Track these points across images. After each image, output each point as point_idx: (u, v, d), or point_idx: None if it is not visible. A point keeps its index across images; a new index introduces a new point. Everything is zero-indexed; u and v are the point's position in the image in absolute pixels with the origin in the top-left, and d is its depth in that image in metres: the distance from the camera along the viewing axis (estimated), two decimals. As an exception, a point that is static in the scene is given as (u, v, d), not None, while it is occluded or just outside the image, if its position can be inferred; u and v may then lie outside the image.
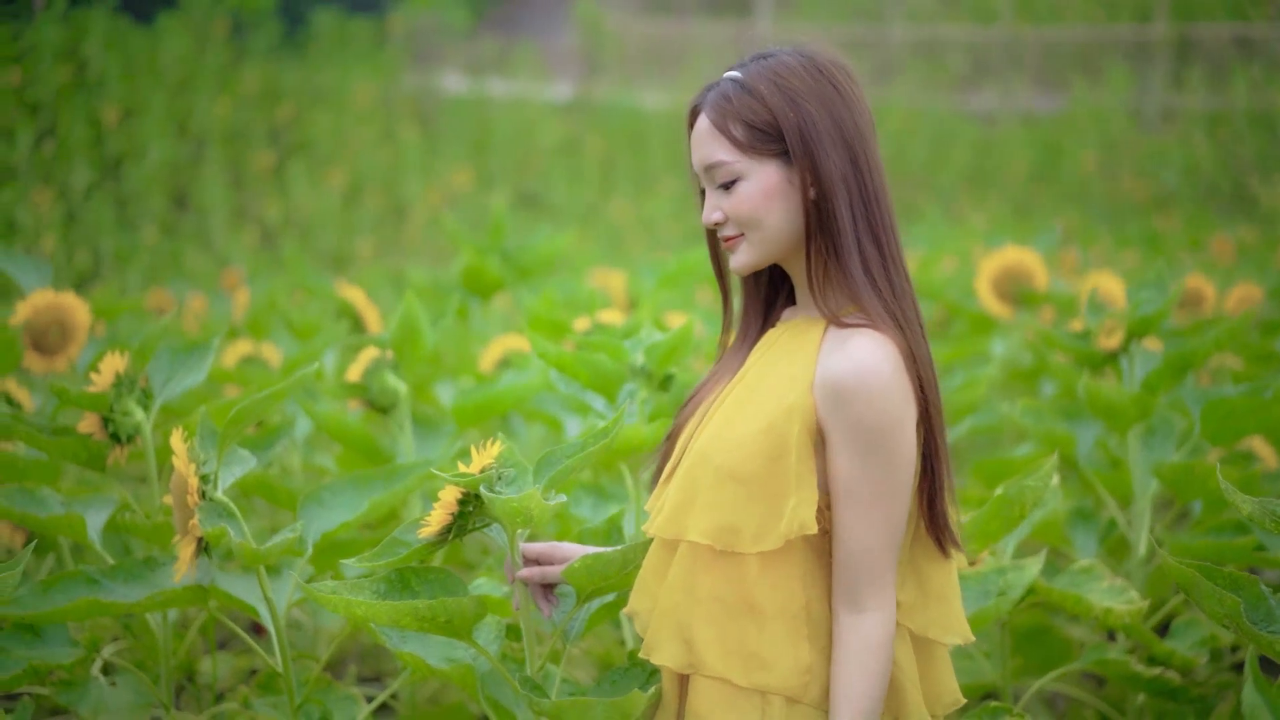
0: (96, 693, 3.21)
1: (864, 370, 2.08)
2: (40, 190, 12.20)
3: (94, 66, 13.62)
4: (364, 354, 3.54)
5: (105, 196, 12.62)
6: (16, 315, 3.86)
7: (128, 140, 13.23)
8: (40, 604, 2.79)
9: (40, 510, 3.15)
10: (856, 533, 2.11)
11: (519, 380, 3.57)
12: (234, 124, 14.11)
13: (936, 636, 2.21)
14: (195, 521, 2.57)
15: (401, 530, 2.48)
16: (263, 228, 13.27)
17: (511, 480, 2.36)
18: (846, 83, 2.20)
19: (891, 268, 2.18)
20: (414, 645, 2.52)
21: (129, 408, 3.09)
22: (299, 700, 2.80)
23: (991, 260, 5.02)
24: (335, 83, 15.17)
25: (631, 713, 2.23)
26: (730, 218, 2.21)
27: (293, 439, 4.09)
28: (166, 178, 13.15)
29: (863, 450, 2.09)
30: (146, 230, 12.38)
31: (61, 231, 11.87)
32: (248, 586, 2.88)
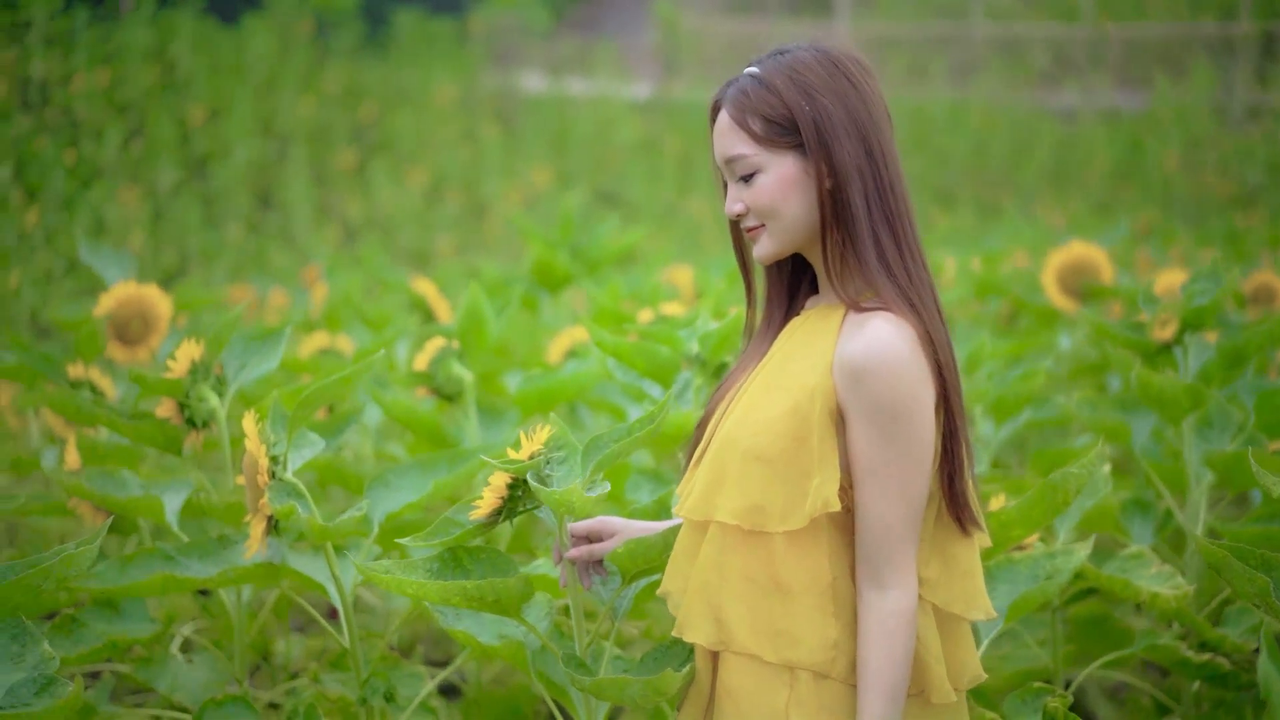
0: (174, 669, 3.33)
1: (880, 351, 2.15)
2: (128, 189, 12.42)
3: (181, 67, 13.86)
4: (431, 344, 3.64)
5: (192, 195, 12.82)
6: (100, 307, 3.98)
7: (214, 140, 13.44)
8: (119, 579, 2.91)
9: (120, 492, 3.27)
10: (876, 510, 2.18)
11: (580, 369, 3.66)
12: (317, 123, 14.30)
13: (960, 612, 2.27)
14: (265, 500, 2.68)
15: (454, 511, 2.58)
16: (345, 225, 13.44)
17: (562, 461, 2.45)
18: (861, 76, 2.27)
19: (907, 254, 2.25)
20: (468, 623, 2.61)
21: (204, 394, 3.20)
22: (365, 675, 2.90)
23: (1057, 255, 5.05)
24: (417, 82, 15.33)
25: (666, 690, 2.31)
26: (751, 209, 2.29)
27: (365, 427, 4.21)
28: (251, 176, 13.34)
29: (880, 429, 2.16)
30: (231, 228, 12.57)
31: (149, 229, 12.08)
32: (317, 566, 2.98)
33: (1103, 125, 16.99)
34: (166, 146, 12.96)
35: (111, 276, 4.24)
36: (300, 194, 12.96)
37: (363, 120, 14.89)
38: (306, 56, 14.69)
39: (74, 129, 12.79)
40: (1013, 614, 2.81)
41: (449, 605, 2.50)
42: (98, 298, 4.01)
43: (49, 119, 12.73)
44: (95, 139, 12.67)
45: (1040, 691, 2.59)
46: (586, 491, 2.35)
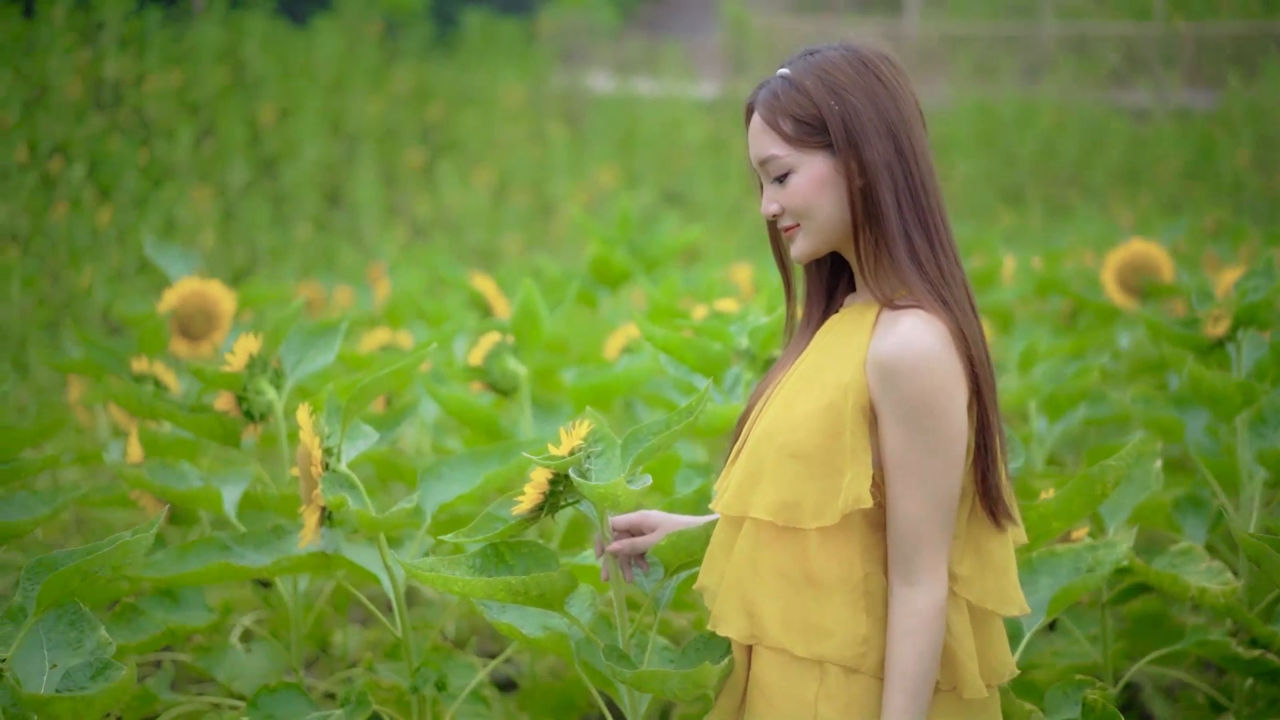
0: (233, 659, 3.39)
1: (911, 348, 2.17)
2: (199, 188, 12.56)
3: (251, 67, 14.00)
4: (486, 339, 3.68)
5: (261, 194, 12.96)
6: (164, 303, 4.04)
7: (283, 139, 13.57)
8: (176, 567, 2.97)
9: (180, 484, 3.34)
10: (907, 506, 2.19)
11: (634, 365, 3.69)
12: (386, 123, 14.40)
13: (995, 608, 2.28)
14: (319, 491, 2.72)
15: (497, 506, 2.61)
16: (413, 224, 13.53)
17: (601, 454, 2.47)
18: (891, 74, 2.28)
19: (939, 251, 2.25)
20: (512, 615, 2.64)
21: (262, 387, 3.25)
22: (416, 665, 2.94)
23: (1117, 253, 5.04)
24: (484, 82, 15.41)
25: (704, 683, 2.33)
26: (786, 209, 2.31)
27: (423, 422, 4.25)
28: (320, 176, 13.46)
29: (911, 425, 2.17)
30: (300, 227, 12.68)
31: (219, 228, 12.21)
32: (371, 557, 3.02)
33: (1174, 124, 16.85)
34: (237, 146, 13.09)
35: (176, 273, 4.30)
36: (368, 193, 13.06)
37: (430, 120, 14.98)
38: (375, 57, 14.81)
39: (146, 129, 12.96)
40: (1054, 606, 2.81)
41: (493, 600, 2.53)
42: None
43: (122, 119, 12.89)
44: (167, 139, 12.83)
45: (1081, 684, 2.60)
46: (628, 484, 2.37)
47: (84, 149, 12.16)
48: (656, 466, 3.30)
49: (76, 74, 12.64)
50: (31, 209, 11.04)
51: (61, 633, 2.47)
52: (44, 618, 2.47)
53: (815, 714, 2.25)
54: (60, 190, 11.53)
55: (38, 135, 11.87)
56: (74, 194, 11.49)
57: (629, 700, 2.59)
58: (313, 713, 2.80)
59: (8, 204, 10.94)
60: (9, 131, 11.56)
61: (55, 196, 11.42)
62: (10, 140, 11.46)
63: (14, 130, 11.63)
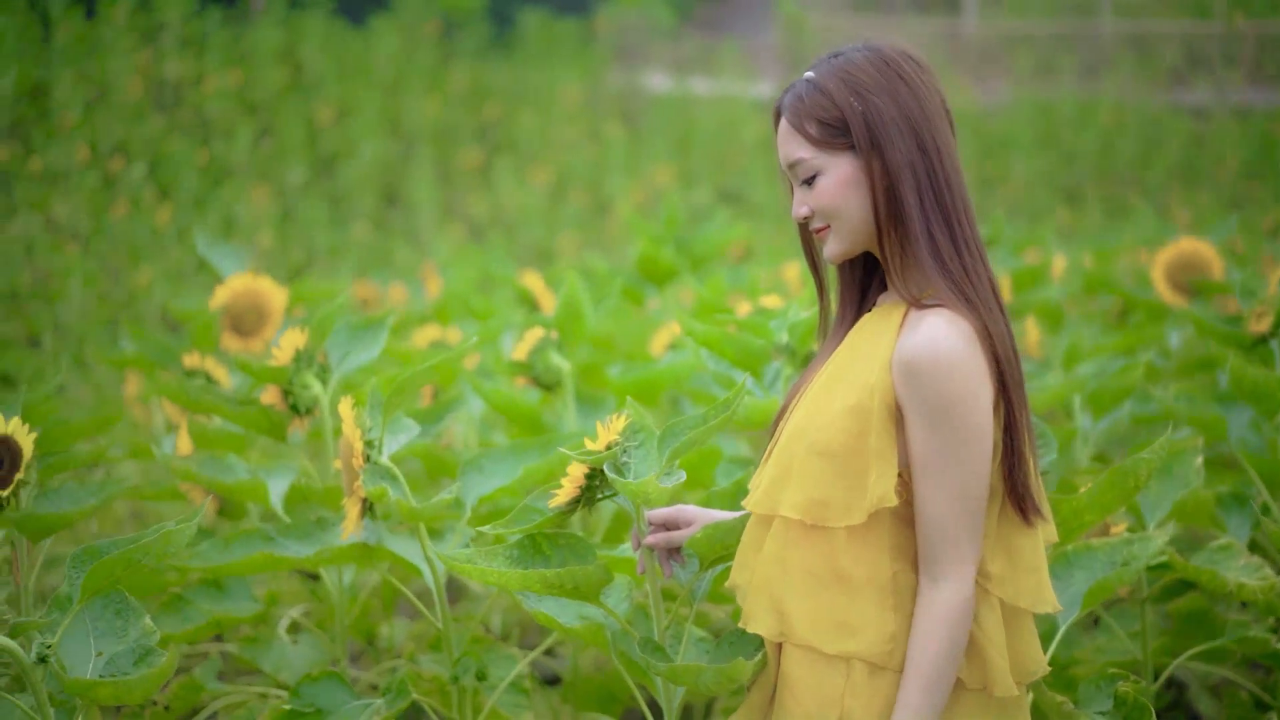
0: (279, 650, 3.44)
1: (934, 347, 2.19)
2: (258, 187, 12.67)
3: (310, 68, 14.11)
4: (530, 334, 3.71)
5: (319, 193, 13.06)
6: (215, 299, 4.09)
7: (341, 139, 13.67)
8: (221, 557, 3.01)
9: (227, 476, 3.39)
10: (933, 504, 2.21)
11: (677, 360, 3.71)
12: (443, 123, 14.49)
13: (1027, 606, 2.29)
14: (360, 483, 2.76)
15: (534, 498, 2.64)
16: (469, 224, 13.59)
17: (639, 446, 2.50)
18: (914, 72, 2.30)
19: (963, 249, 2.27)
20: (550, 605, 2.66)
21: (307, 381, 3.30)
22: (457, 655, 2.97)
23: (1167, 251, 5.03)
24: (542, 82, 15.47)
25: (737, 678, 2.35)
26: (815, 211, 2.33)
27: (470, 417, 4.29)
28: (378, 175, 13.55)
29: (936, 424, 2.19)
30: (358, 226, 12.77)
31: (277, 227, 12.31)
32: (413, 548, 3.06)
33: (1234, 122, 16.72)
34: (295, 146, 13.20)
35: (227, 270, 4.35)
36: (425, 192, 13.14)
37: (488, 120, 15.05)
38: (433, 57, 14.90)
39: (205, 129, 13.09)
40: (1089, 600, 2.82)
41: (529, 592, 2.56)
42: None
43: (181, 119, 13.02)
44: (226, 139, 12.94)
45: (1114, 677, 2.60)
46: (661, 481, 2.40)
47: (144, 149, 12.30)
48: (696, 460, 3.32)
49: (137, 75, 12.79)
50: (92, 208, 11.17)
51: (108, 621, 2.52)
52: (91, 607, 2.52)
53: (842, 710, 2.27)
54: (120, 190, 11.66)
55: (99, 135, 12.02)
56: (134, 193, 11.62)
57: (665, 692, 2.61)
58: (353, 701, 2.84)
59: (69, 203, 11.08)
60: (71, 131, 11.70)
61: (115, 196, 11.56)
62: (72, 140, 11.60)
63: (75, 130, 11.78)
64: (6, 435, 2.82)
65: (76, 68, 12.30)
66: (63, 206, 11.05)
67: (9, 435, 2.82)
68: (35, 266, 10.18)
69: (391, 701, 2.81)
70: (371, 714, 2.81)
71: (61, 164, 11.35)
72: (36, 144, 11.57)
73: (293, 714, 2.81)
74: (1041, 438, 2.89)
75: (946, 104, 2.35)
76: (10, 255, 10.04)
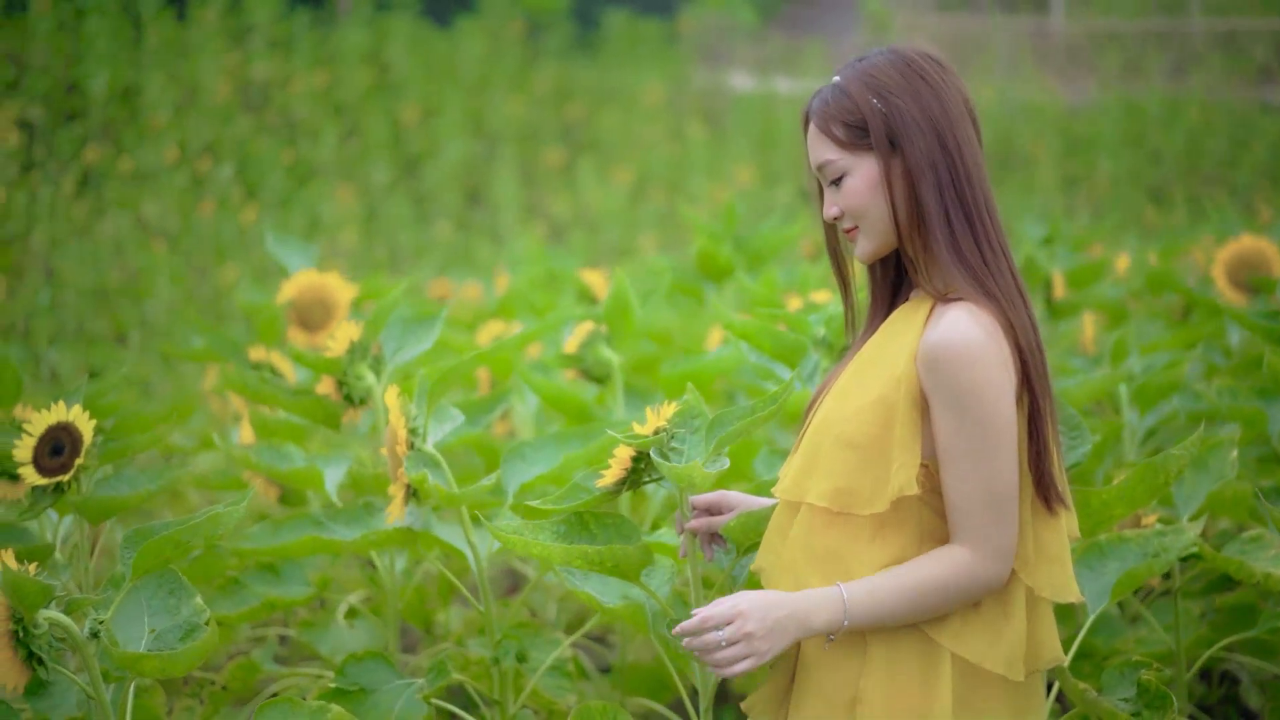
0: (335, 634, 3.55)
1: (955, 338, 2.25)
2: (343, 187, 12.86)
3: (396, 68, 14.30)
4: (581, 328, 3.80)
5: (403, 193, 13.22)
6: (282, 294, 4.21)
7: (426, 139, 13.84)
8: (271, 539, 3.13)
9: (284, 464, 3.50)
10: (958, 493, 2.26)
11: (723, 354, 3.79)
12: (526, 122, 14.62)
13: (1049, 596, 2.34)
14: (403, 469, 2.86)
15: (584, 477, 2.72)
16: (551, 223, 13.70)
17: (690, 431, 2.58)
18: (936, 72, 2.37)
19: (983, 243, 2.33)
20: (594, 585, 2.75)
21: (361, 372, 3.40)
22: (498, 637, 3.07)
23: (1227, 249, 5.03)
24: (624, 82, 15.57)
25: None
26: (844, 211, 2.40)
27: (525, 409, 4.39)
28: (461, 175, 13.70)
29: (958, 413, 2.25)
30: (441, 225, 12.91)
31: (362, 226, 12.49)
32: (458, 534, 3.15)
33: (1324, 121, 16.54)
34: (380, 146, 13.37)
35: (295, 266, 4.46)
36: (508, 192, 13.26)
37: (571, 120, 15.17)
38: (517, 57, 15.05)
39: (292, 129, 13.30)
40: (1118, 590, 2.86)
41: (572, 567, 2.64)
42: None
43: (269, 120, 13.24)
44: (312, 139, 13.14)
45: (1138, 665, 2.65)
46: (706, 468, 2.47)
47: (232, 149, 12.52)
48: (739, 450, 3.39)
49: (226, 76, 13.02)
50: (180, 207, 11.40)
51: (161, 600, 2.63)
52: (146, 587, 2.63)
53: (856, 690, 2.33)
54: (208, 189, 11.88)
55: (188, 136, 12.26)
56: (221, 193, 11.84)
57: (700, 674, 2.69)
58: (396, 681, 2.94)
59: (158, 202, 11.31)
60: (160, 132, 11.94)
61: (203, 195, 11.78)
62: (161, 141, 11.85)
63: (165, 131, 12.02)
64: (68, 422, 2.94)
65: (167, 69, 12.55)
66: (152, 206, 11.29)
67: (70, 422, 2.94)
68: (124, 265, 10.42)
69: (432, 680, 2.91)
70: (413, 692, 2.91)
71: (151, 164, 11.60)
72: (127, 144, 11.82)
73: (338, 692, 2.91)
74: (1077, 430, 2.94)
75: (970, 104, 2.41)
76: (100, 253, 10.27)
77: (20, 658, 2.42)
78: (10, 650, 2.41)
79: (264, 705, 2.53)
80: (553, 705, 3.22)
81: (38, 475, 2.93)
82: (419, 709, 2.88)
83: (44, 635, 2.42)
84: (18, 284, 9.66)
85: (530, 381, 3.81)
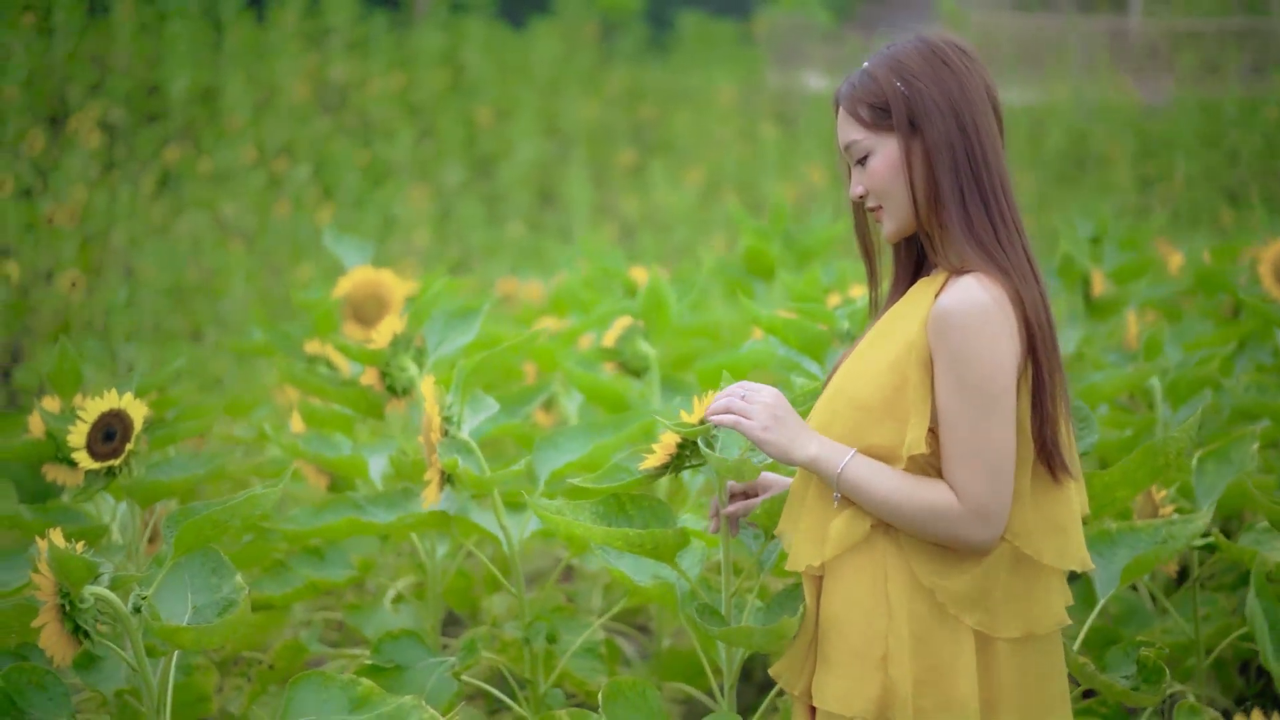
0: (380, 617, 3.68)
1: (961, 304, 2.35)
2: (417, 187, 13.02)
3: (471, 70, 14.46)
4: (619, 323, 3.91)
5: (476, 193, 13.37)
6: (338, 289, 4.34)
7: (499, 140, 13.98)
8: (312, 521, 3.26)
9: (330, 452, 3.64)
10: (951, 451, 2.36)
11: (755, 347, 3.88)
12: (599, 123, 14.73)
13: (1051, 562, 2.42)
14: (437, 455, 2.98)
15: (624, 458, 2.83)
16: (621, 223, 13.80)
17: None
18: (960, 59, 2.46)
19: (998, 222, 2.42)
20: (627, 564, 2.87)
21: (404, 363, 3.52)
22: (529, 618, 3.18)
23: (1271, 248, 5.05)
24: (697, 83, 15.64)
25: (784, 635, 2.53)
26: (868, 190, 2.50)
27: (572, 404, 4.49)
28: (534, 175, 13.82)
29: (957, 374, 2.34)
30: (513, 225, 13.03)
31: (435, 226, 12.64)
32: (492, 519, 3.27)
33: None
34: (454, 146, 13.52)
35: (351, 262, 4.59)
36: (580, 192, 13.37)
37: (643, 120, 15.27)
38: (591, 58, 15.17)
39: (368, 130, 13.47)
40: (1127, 575, 2.95)
41: (611, 547, 2.75)
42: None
43: (345, 121, 13.43)
44: (388, 140, 13.31)
45: (1140, 644, 2.74)
46: (755, 460, 2.58)
47: (309, 149, 12.71)
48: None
49: (304, 77, 13.22)
50: (257, 207, 11.58)
51: (204, 579, 2.77)
52: (190, 566, 2.77)
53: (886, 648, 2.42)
54: (285, 189, 12.07)
55: (266, 136, 12.46)
56: (298, 193, 12.02)
57: (725, 653, 2.80)
58: (429, 658, 3.06)
59: (236, 202, 11.51)
60: (239, 133, 12.15)
61: (280, 195, 11.97)
62: (240, 141, 12.05)
63: (244, 132, 12.23)
64: (120, 409, 3.08)
65: (246, 71, 12.76)
66: (229, 205, 11.48)
67: (122, 409, 3.08)
68: (201, 263, 10.62)
69: (463, 658, 3.03)
70: (445, 670, 3.03)
71: (229, 164, 11.80)
72: (206, 145, 12.03)
73: (373, 668, 3.04)
74: (1085, 421, 3.01)
75: (993, 92, 2.51)
76: (178, 252, 10.47)
77: (68, 630, 2.55)
78: (58, 623, 2.54)
79: (297, 678, 2.65)
80: (585, 685, 3.33)
81: (90, 460, 3.07)
82: (449, 685, 3.00)
83: (90, 610, 2.55)
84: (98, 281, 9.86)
85: (569, 374, 3.92)
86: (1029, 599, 2.44)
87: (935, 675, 2.39)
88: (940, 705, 2.38)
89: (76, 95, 11.31)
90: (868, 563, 2.45)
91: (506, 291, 8.39)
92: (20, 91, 10.12)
